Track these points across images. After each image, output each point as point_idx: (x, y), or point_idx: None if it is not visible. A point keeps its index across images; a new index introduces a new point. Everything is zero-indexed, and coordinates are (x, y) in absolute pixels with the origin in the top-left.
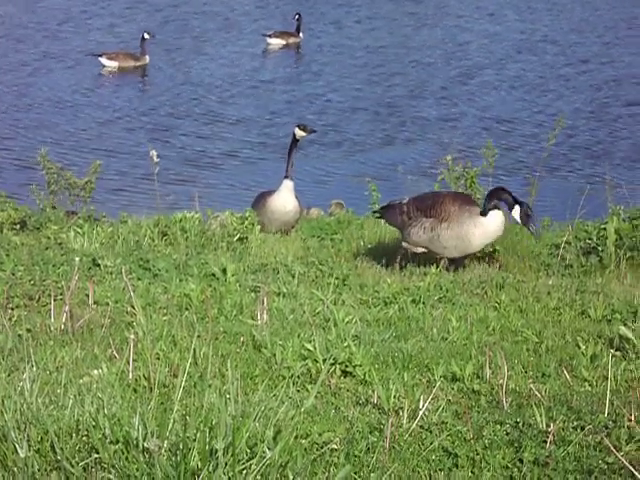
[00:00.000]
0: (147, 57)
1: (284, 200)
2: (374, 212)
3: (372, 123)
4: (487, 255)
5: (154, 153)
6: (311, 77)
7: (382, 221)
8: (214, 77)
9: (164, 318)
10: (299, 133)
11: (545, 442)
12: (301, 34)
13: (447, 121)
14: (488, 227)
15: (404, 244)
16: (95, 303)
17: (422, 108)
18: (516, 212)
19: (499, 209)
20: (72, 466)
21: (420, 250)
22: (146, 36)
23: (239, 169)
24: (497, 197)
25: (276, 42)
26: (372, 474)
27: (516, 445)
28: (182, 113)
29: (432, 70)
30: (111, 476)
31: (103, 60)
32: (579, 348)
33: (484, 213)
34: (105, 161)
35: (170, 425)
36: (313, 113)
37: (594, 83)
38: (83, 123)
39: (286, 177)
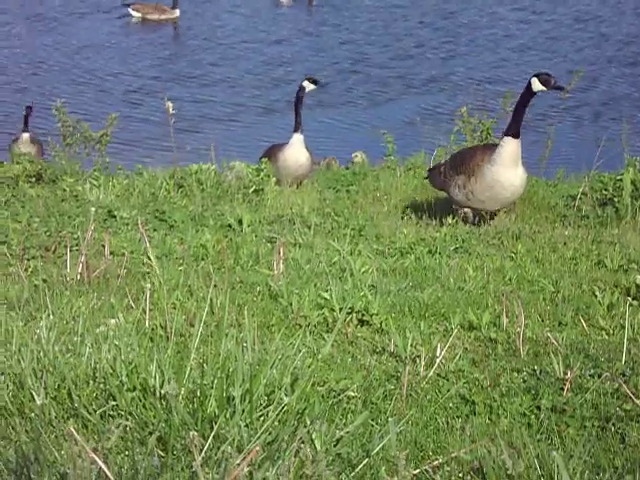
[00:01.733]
0: (177, 11)
1: (296, 153)
2: (425, 178)
3: (387, 77)
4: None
5: (170, 104)
6: (326, 31)
7: (398, 172)
8: (239, 32)
9: (180, 268)
10: (309, 86)
11: (562, 389)
12: None
13: (462, 76)
14: (502, 155)
15: (454, 206)
16: (111, 254)
17: (436, 63)
18: (535, 84)
19: (514, 137)
20: (89, 413)
21: (467, 210)
22: None
23: (255, 121)
24: (517, 112)
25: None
26: (390, 419)
27: (533, 392)
28: (202, 67)
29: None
30: (128, 423)
31: (131, 10)
32: (596, 297)
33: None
34: (122, 114)
35: (187, 373)
36: (327, 67)
37: (613, 37)
38: (102, 74)
39: (296, 130)
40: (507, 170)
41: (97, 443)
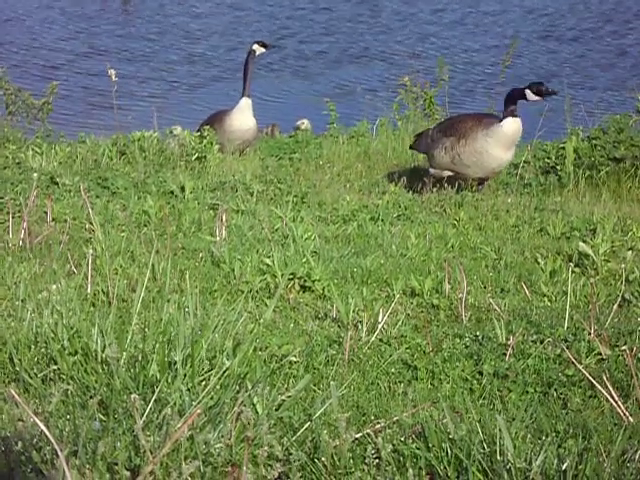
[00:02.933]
0: None
1: (244, 117)
2: (410, 147)
3: (330, 44)
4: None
5: (112, 72)
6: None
7: (341, 140)
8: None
9: (122, 235)
10: (258, 49)
11: (504, 355)
12: None
13: (406, 43)
14: (502, 134)
15: (431, 170)
16: (53, 220)
17: (380, 31)
18: (530, 95)
19: (516, 116)
20: (31, 377)
21: (446, 174)
22: None
23: (198, 89)
24: (511, 100)
25: None
26: (332, 382)
27: (475, 358)
28: (147, 36)
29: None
30: (70, 387)
31: None
32: (538, 264)
33: (499, 121)
34: (65, 82)
35: (129, 337)
36: (272, 32)
37: (554, 5)
38: (45, 43)
39: (244, 95)
40: (501, 147)
41: (38, 407)
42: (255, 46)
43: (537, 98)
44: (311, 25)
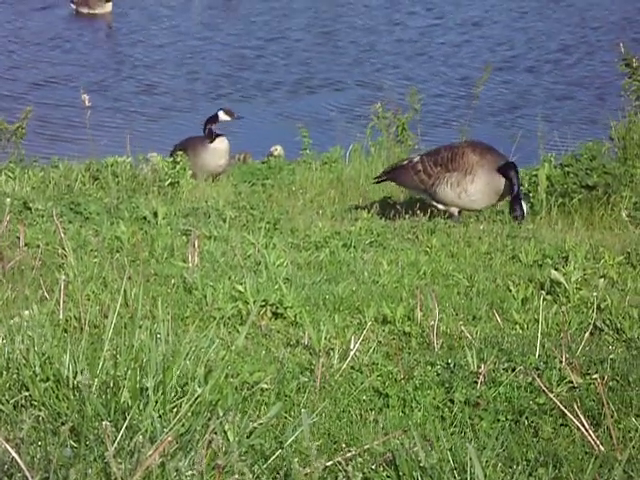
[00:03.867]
0: (110, 4)
1: (217, 157)
2: (376, 178)
3: (301, 69)
4: (418, 201)
5: (86, 97)
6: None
7: (314, 166)
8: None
9: (95, 260)
10: (223, 117)
11: (476, 383)
12: None
13: (379, 69)
14: (500, 186)
15: (439, 206)
16: (26, 245)
17: (352, 55)
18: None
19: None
20: (2, 404)
21: (455, 210)
22: None
23: (171, 115)
24: (503, 171)
25: None
26: (303, 410)
27: (447, 386)
28: (119, 62)
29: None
30: (41, 413)
31: (71, 3)
32: (510, 292)
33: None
34: (39, 108)
35: (100, 364)
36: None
37: (530, 30)
38: (20, 64)
39: (219, 135)
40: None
41: (9, 433)
42: (221, 113)
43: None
44: (279, 52)
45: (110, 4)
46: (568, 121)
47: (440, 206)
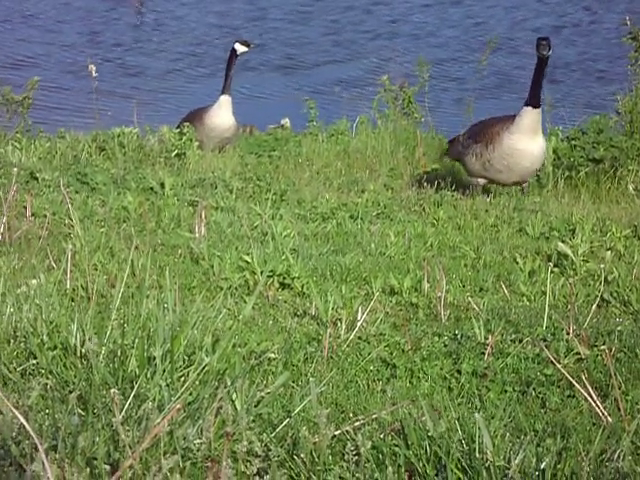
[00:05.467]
0: None
1: (223, 116)
2: (444, 153)
3: (311, 42)
4: (424, 173)
5: (93, 67)
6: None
7: (320, 138)
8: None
9: (102, 230)
10: (240, 48)
11: (483, 354)
12: None
13: (385, 40)
14: (520, 126)
15: (470, 179)
16: (33, 215)
17: (360, 27)
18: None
19: (534, 106)
20: (9, 372)
21: (482, 182)
22: None
23: (178, 85)
24: (533, 80)
25: None
26: (311, 379)
27: (454, 356)
28: (131, 33)
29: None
30: (49, 381)
31: None
32: (517, 264)
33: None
34: (46, 77)
35: (108, 332)
36: (251, 30)
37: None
38: (28, 38)
39: (224, 92)
40: (526, 138)
41: (17, 401)
42: (237, 45)
43: (548, 53)
44: (287, 25)
45: None
46: (574, 95)
47: (469, 178)
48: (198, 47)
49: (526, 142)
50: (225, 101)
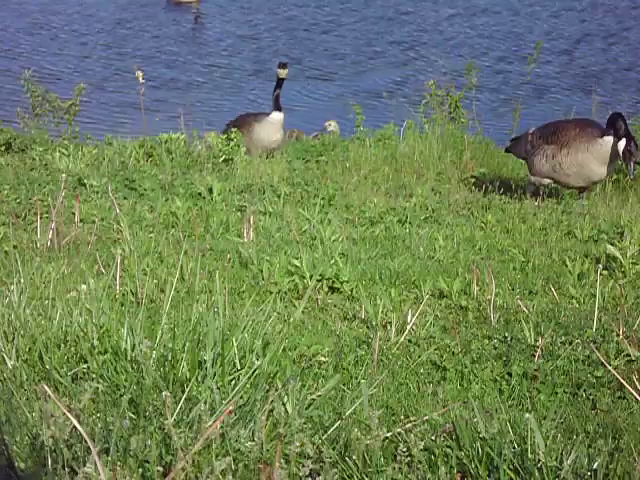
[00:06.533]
0: None
1: (273, 131)
2: (506, 150)
3: (358, 49)
4: (472, 177)
5: (140, 74)
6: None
7: (368, 143)
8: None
9: (150, 235)
10: (282, 73)
11: (533, 356)
12: None
13: (433, 46)
14: (601, 150)
15: (531, 178)
16: (81, 221)
17: (405, 33)
18: (621, 145)
19: (619, 137)
20: (61, 376)
21: (546, 182)
22: None
23: (225, 91)
24: (611, 123)
25: None
26: (362, 381)
27: (504, 359)
28: (173, 37)
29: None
30: (100, 385)
31: None
32: (566, 267)
33: (601, 136)
34: (93, 84)
35: (158, 337)
36: (296, 37)
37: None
38: (79, 47)
39: (275, 109)
40: (601, 164)
41: (69, 405)
42: (279, 70)
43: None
44: (335, 29)
45: None
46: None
47: (532, 178)
48: (244, 54)
49: (598, 166)
50: (277, 118)
